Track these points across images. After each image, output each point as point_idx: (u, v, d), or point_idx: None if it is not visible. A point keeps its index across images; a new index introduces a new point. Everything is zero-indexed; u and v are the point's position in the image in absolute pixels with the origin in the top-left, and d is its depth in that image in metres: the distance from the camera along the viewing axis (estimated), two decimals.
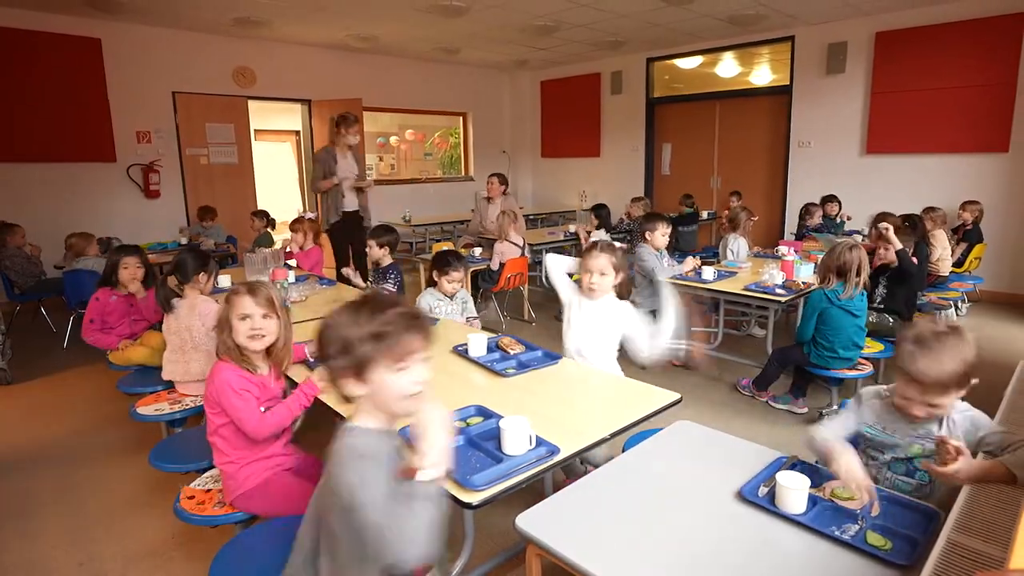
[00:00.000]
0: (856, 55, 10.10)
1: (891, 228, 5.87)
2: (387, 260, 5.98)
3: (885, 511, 2.18)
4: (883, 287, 6.07)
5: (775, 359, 5.53)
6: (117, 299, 5.26)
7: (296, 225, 7.48)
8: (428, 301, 5.05)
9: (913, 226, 6.89)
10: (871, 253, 5.73)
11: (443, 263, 5.00)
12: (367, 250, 6.15)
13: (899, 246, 5.77)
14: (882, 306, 6.03)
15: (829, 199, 9.74)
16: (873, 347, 5.44)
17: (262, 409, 2.93)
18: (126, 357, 4.98)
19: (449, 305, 5.09)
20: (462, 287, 5.22)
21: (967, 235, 8.32)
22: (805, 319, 5.15)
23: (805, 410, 5.49)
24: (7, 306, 8.30)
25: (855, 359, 5.15)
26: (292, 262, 6.88)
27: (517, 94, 15.88)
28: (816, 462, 2.58)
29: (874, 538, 2.00)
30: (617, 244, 3.99)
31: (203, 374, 4.06)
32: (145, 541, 3.74)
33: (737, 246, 7.67)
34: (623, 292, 4.02)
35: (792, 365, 5.45)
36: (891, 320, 5.96)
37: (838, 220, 9.48)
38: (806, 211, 9.36)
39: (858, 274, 4.99)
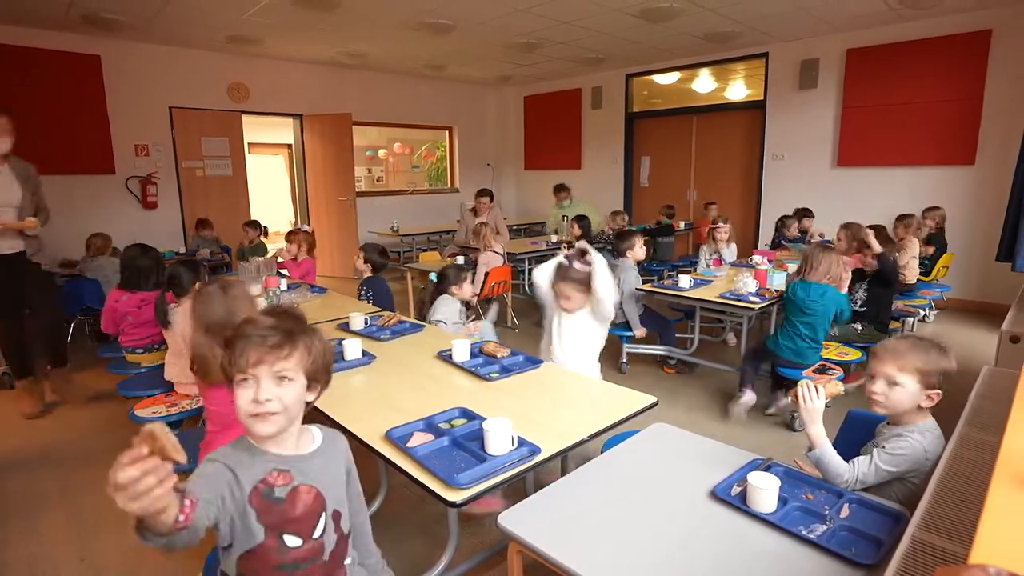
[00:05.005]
0: (828, 71, 10.17)
1: (872, 233, 5.97)
2: (367, 273, 6.07)
3: (853, 513, 2.20)
4: (863, 291, 6.11)
5: (748, 360, 5.58)
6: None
7: (292, 236, 7.48)
8: (454, 308, 5.18)
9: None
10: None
11: (456, 277, 5.24)
12: (355, 259, 6.22)
13: (879, 249, 5.84)
14: (863, 309, 6.07)
15: (805, 213, 9.76)
16: (852, 354, 5.46)
17: None
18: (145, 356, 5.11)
19: (460, 311, 5.26)
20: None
21: (932, 239, 8.35)
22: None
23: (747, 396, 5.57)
24: None
25: (808, 359, 5.17)
26: (284, 271, 6.90)
27: (501, 109, 15.92)
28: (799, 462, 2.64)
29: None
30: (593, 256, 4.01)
31: None
32: None
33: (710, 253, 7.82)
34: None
35: (764, 360, 5.50)
36: (859, 327, 5.99)
37: (808, 238, 9.48)
38: (782, 223, 9.40)
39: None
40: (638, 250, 6.62)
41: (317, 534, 1.90)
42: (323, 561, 1.92)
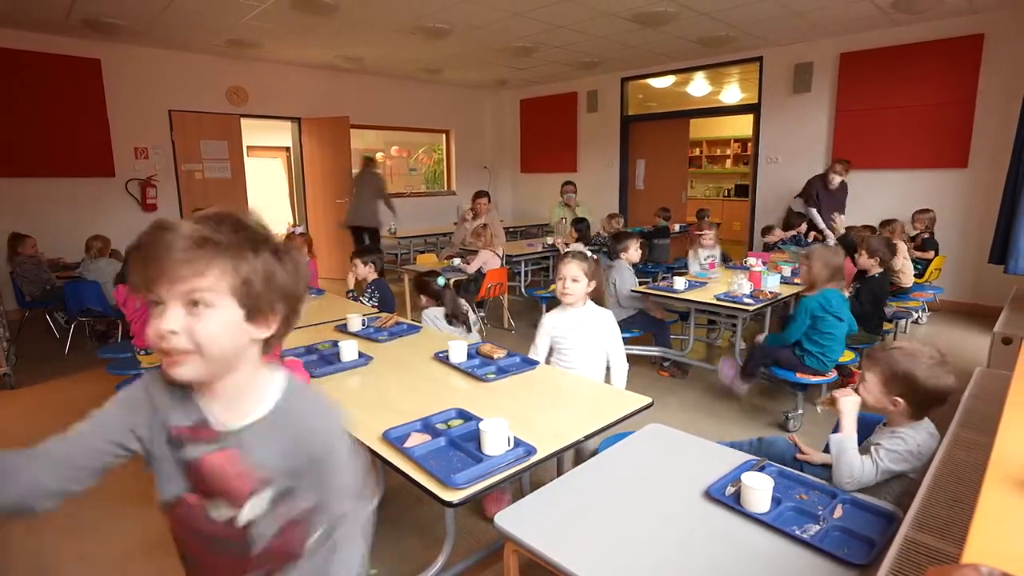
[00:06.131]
0: (821, 75, 10.18)
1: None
2: (372, 276, 6.06)
3: (846, 513, 2.20)
4: (851, 293, 6.11)
5: (761, 353, 5.45)
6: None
7: (289, 242, 7.44)
8: (435, 317, 5.19)
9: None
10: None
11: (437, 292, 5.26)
12: (352, 269, 6.22)
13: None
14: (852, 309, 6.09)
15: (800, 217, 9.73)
16: (845, 355, 5.44)
17: None
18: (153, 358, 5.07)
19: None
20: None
21: (926, 243, 8.38)
22: (797, 322, 5.06)
23: (745, 389, 5.53)
24: (16, 314, 8.41)
25: (840, 356, 5.19)
26: None
27: (498, 112, 15.92)
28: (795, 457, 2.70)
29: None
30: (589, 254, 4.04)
31: None
32: (142, 536, 3.72)
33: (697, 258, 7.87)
34: (599, 300, 4.10)
35: (772, 360, 5.41)
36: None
37: (807, 239, 9.46)
38: (767, 230, 9.42)
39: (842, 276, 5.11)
40: (633, 252, 6.65)
41: (243, 518, 1.43)
42: (248, 554, 1.47)
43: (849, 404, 2.71)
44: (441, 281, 5.21)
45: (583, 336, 3.98)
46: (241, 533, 1.45)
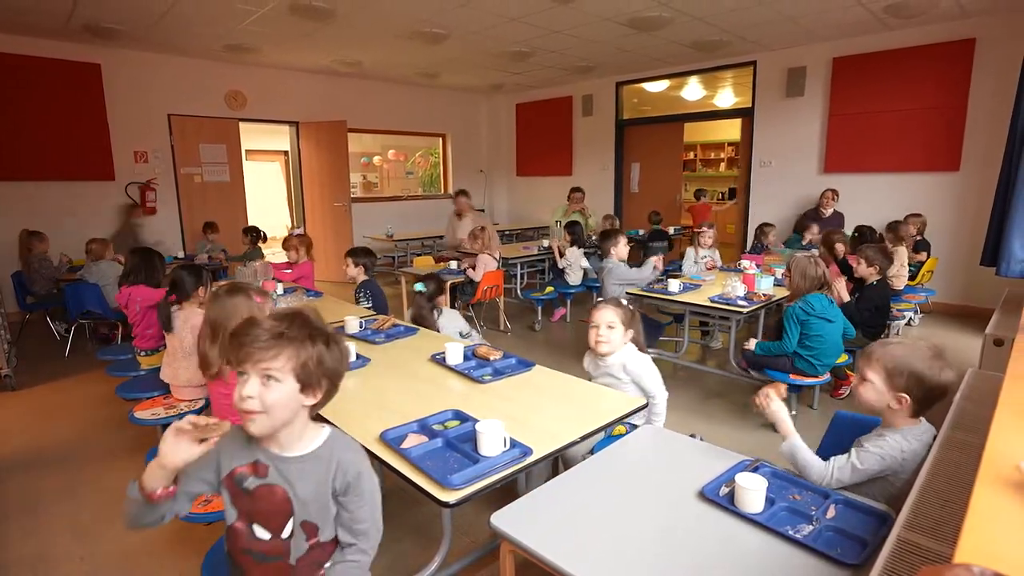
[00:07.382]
0: (814, 79, 10.18)
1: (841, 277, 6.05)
2: (361, 277, 6.08)
3: (839, 514, 2.20)
4: (853, 299, 6.11)
5: (751, 362, 5.47)
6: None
7: (287, 243, 7.48)
8: (459, 322, 5.20)
9: (869, 237, 7.03)
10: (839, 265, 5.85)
11: (439, 289, 5.26)
12: (345, 268, 6.21)
13: (845, 298, 5.91)
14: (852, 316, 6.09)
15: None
16: (841, 357, 5.43)
17: None
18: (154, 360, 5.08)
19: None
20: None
21: (919, 245, 8.38)
22: (788, 333, 5.07)
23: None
24: (17, 316, 8.39)
25: (837, 359, 5.19)
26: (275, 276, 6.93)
27: (494, 116, 15.91)
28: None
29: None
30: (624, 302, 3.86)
31: (191, 380, 4.08)
32: (142, 537, 3.70)
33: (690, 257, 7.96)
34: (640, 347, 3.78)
35: (763, 367, 5.42)
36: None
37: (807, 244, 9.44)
38: (761, 231, 9.42)
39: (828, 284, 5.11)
40: (622, 248, 6.68)
41: (285, 534, 1.93)
42: (288, 563, 1.94)
43: (778, 409, 2.66)
44: (419, 287, 5.14)
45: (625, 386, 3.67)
46: (284, 547, 1.93)
